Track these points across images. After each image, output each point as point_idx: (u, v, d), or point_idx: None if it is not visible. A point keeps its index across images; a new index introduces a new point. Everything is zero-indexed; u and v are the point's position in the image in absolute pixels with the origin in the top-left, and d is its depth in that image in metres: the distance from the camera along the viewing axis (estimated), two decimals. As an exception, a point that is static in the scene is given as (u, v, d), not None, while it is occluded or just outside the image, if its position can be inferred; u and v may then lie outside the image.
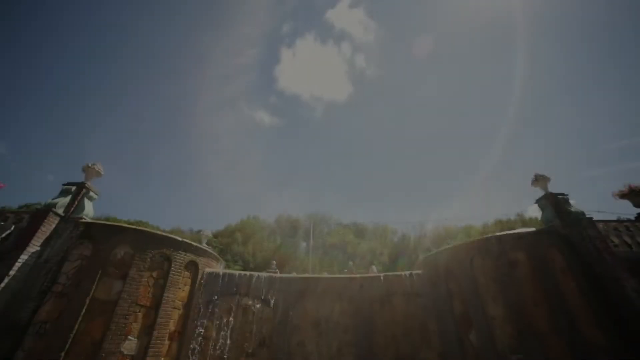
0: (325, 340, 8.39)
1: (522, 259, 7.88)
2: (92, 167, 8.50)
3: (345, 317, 8.76)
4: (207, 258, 9.09)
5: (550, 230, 8.31)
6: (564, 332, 6.75)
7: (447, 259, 9.09)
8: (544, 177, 9.25)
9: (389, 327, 8.59)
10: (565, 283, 7.42)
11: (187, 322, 7.81)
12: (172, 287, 7.61)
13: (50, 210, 7.22)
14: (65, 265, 6.89)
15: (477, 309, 7.87)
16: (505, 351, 7.15)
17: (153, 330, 6.93)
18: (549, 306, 7.12)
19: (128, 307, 6.75)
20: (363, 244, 39.01)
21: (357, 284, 9.16)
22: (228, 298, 8.55)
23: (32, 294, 6.40)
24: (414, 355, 8.15)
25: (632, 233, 8.25)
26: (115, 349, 6.32)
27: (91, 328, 6.35)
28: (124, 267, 7.15)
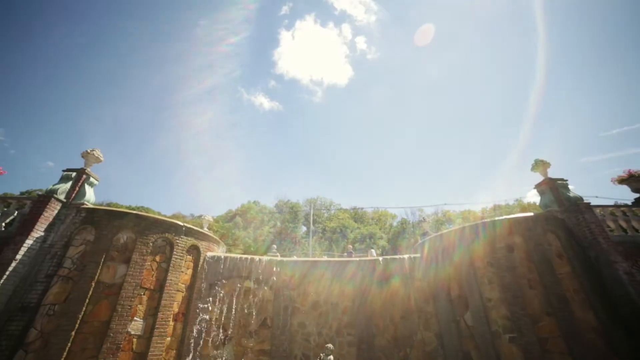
0: (325, 321, 8.66)
1: (519, 243, 8.01)
2: (91, 153, 8.48)
3: (345, 299, 9.00)
4: (209, 242, 9.23)
5: (548, 215, 8.40)
6: (557, 313, 6.96)
7: (445, 243, 9.23)
8: (544, 163, 9.25)
9: (387, 309, 8.84)
10: (560, 266, 7.58)
11: (190, 304, 8.03)
12: (175, 270, 7.78)
13: (52, 196, 7.27)
14: (70, 250, 7.04)
15: (473, 291, 8.07)
16: (499, 331, 7.40)
17: (158, 312, 7.14)
18: (544, 289, 7.30)
19: (133, 290, 6.93)
20: (362, 229, 39.45)
21: (357, 267, 9.35)
22: (230, 281, 8.75)
23: (39, 278, 6.58)
24: (411, 335, 8.43)
25: (628, 218, 8.34)
26: (122, 329, 6.53)
27: (98, 310, 6.55)
28: (127, 252, 7.28)
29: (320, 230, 40.07)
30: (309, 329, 8.54)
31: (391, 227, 44.01)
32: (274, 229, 40.33)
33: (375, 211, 46.86)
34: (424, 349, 8.25)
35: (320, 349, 7.88)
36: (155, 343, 6.86)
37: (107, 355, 6.21)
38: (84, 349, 6.16)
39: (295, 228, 40.61)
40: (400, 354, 8.22)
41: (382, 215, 46.56)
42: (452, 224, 41.22)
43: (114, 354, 6.27)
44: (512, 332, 7.16)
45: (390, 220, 46.36)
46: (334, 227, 40.11)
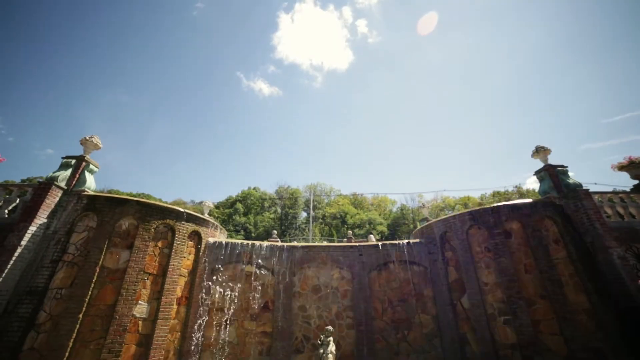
0: (325, 304, 8.88)
1: (517, 229, 8.11)
2: (89, 140, 8.45)
3: (344, 283, 9.20)
4: (210, 228, 9.33)
5: (547, 202, 8.46)
6: (551, 296, 7.14)
7: (444, 228, 9.34)
8: (545, 149, 9.23)
9: (386, 293, 9.05)
10: (556, 251, 7.70)
11: (193, 288, 8.21)
12: (177, 256, 7.90)
13: (53, 183, 7.29)
14: (73, 237, 7.14)
15: (470, 275, 8.24)
16: (495, 314, 7.61)
17: (161, 296, 7.31)
18: (539, 273, 7.46)
19: (136, 275, 7.07)
20: (362, 214, 39.75)
21: (356, 252, 9.50)
22: (231, 266, 8.91)
23: (44, 263, 6.72)
24: (409, 318, 8.67)
25: (625, 204, 8.41)
26: (127, 312, 6.71)
27: (104, 294, 6.71)
28: (129, 238, 7.38)
29: (320, 216, 40.39)
30: (310, 312, 8.77)
31: (391, 213, 44.37)
32: (274, 215, 40.66)
33: (375, 197, 47.14)
34: (421, 331, 8.51)
35: (320, 331, 8.12)
36: (160, 325, 7.07)
37: (115, 336, 6.41)
38: (93, 330, 6.36)
39: (296, 214, 40.91)
40: (397, 336, 8.48)
41: (381, 201, 46.86)
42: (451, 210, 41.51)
43: (121, 335, 6.48)
44: (507, 314, 7.37)
45: (389, 206, 46.70)
46: (334, 213, 40.42)
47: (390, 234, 36.38)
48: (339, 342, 8.34)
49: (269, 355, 8.06)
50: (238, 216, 38.14)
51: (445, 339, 8.31)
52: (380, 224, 37.42)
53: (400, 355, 8.26)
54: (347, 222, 37.93)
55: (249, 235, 34.71)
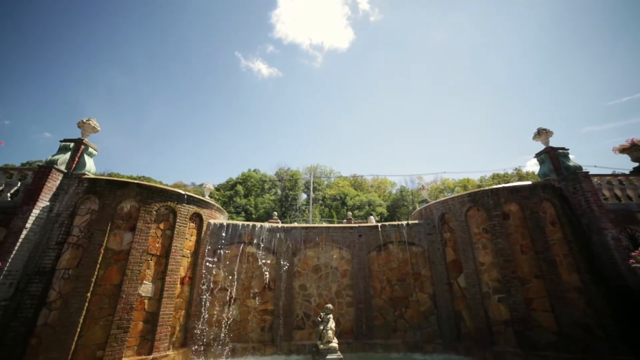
0: (325, 284, 9.13)
1: (515, 210, 8.20)
2: (87, 122, 8.35)
3: (344, 263, 9.41)
4: (211, 210, 9.42)
5: (546, 184, 8.49)
6: (545, 275, 7.33)
7: (443, 210, 9.44)
8: (547, 131, 9.15)
9: (385, 273, 9.27)
10: (552, 233, 7.83)
11: (196, 268, 8.41)
12: (179, 237, 8.03)
13: (53, 167, 7.29)
14: (76, 219, 7.24)
15: (467, 256, 8.42)
16: (490, 292, 7.84)
17: (165, 276, 7.50)
18: (535, 254, 7.61)
19: (140, 256, 7.22)
20: (362, 196, 39.99)
21: (356, 233, 9.65)
22: (233, 246, 9.07)
23: (50, 245, 6.86)
24: (407, 296, 8.94)
25: (624, 187, 8.44)
26: (133, 291, 6.92)
27: (109, 274, 6.89)
28: (131, 220, 7.47)
29: (320, 197, 40.66)
30: (310, 291, 9.03)
31: (390, 195, 44.61)
32: (274, 197, 40.91)
33: (374, 179, 47.22)
34: (418, 308, 8.79)
35: (320, 309, 8.39)
36: (165, 304, 7.30)
37: (123, 314, 6.64)
38: (101, 308, 6.59)
39: (296, 196, 41.15)
40: (395, 313, 8.78)
41: (381, 183, 46.97)
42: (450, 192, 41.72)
43: (128, 312, 6.71)
44: (502, 292, 7.60)
45: (389, 188, 46.86)
46: (334, 195, 40.64)
47: (390, 215, 36.75)
48: (339, 319, 8.65)
49: (271, 331, 8.37)
50: (238, 198, 38.38)
51: (441, 316, 8.61)
52: (379, 206, 37.71)
53: (397, 331, 8.58)
54: (347, 203, 38.20)
55: (249, 216, 35.09)
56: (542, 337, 6.92)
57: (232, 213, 34.46)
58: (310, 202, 30.12)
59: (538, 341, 6.88)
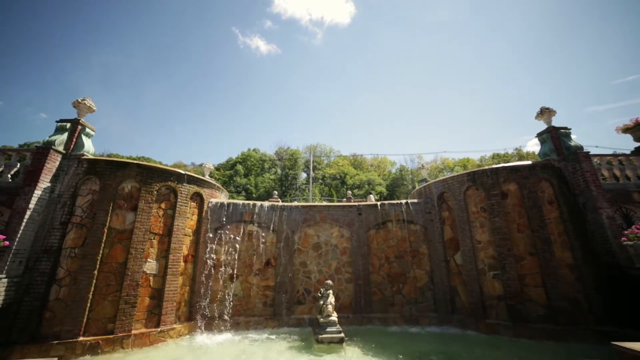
0: (325, 261, 9.37)
1: (513, 190, 8.26)
2: (82, 102, 8.19)
3: (344, 240, 9.60)
4: (211, 189, 9.48)
5: (545, 164, 8.48)
6: (539, 253, 7.52)
7: (442, 189, 9.50)
8: (550, 110, 9.02)
9: (384, 250, 9.49)
10: (549, 212, 7.93)
11: (198, 246, 8.59)
12: (181, 216, 8.14)
13: (51, 147, 7.24)
14: (78, 200, 7.31)
15: (465, 234, 8.58)
16: (485, 269, 8.07)
17: (169, 254, 7.68)
18: (531, 232, 7.76)
19: (143, 235, 7.36)
20: (361, 175, 40.05)
21: (355, 211, 9.77)
22: (234, 225, 9.21)
23: (55, 225, 6.98)
24: (404, 273, 9.20)
25: (623, 167, 8.44)
26: (138, 269, 7.12)
27: (114, 252, 7.06)
28: (132, 200, 7.55)
29: (320, 177, 40.74)
30: (310, 268, 9.28)
31: (390, 174, 44.67)
32: (274, 176, 40.98)
33: (374, 158, 47.10)
34: (415, 284, 9.08)
35: (320, 285, 8.67)
36: (170, 281, 7.53)
37: (129, 290, 6.88)
38: (108, 285, 6.83)
39: (296, 175, 41.21)
40: (393, 289, 9.08)
41: (381, 162, 46.90)
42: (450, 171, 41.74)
43: (134, 289, 6.95)
44: (497, 269, 7.82)
45: (389, 167, 46.86)
46: (334, 174, 40.70)
47: (389, 194, 36.99)
48: (338, 294, 8.95)
49: (273, 306, 8.70)
50: (239, 177, 38.45)
51: (437, 291, 8.91)
52: (379, 185, 37.87)
53: (395, 305, 8.91)
54: (347, 182, 38.34)
55: (250, 196, 35.32)
56: (533, 310, 7.21)
57: (232, 192, 34.66)
58: (310, 181, 30.21)
59: (528, 314, 7.18)
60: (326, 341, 6.63)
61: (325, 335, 6.73)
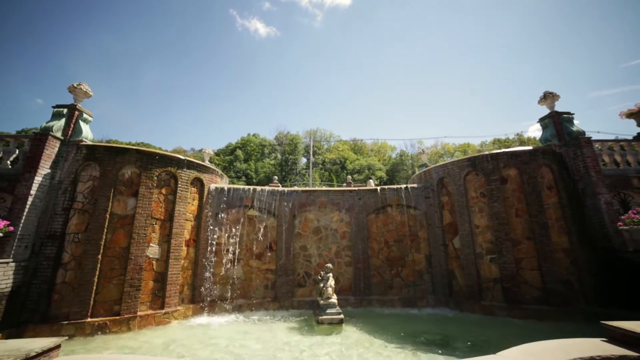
0: (325, 245, 9.51)
1: (513, 175, 8.27)
2: (78, 87, 8.06)
3: (343, 225, 9.71)
4: (211, 174, 9.50)
5: (546, 149, 8.45)
6: (536, 238, 7.63)
7: (442, 174, 9.52)
8: (553, 95, 8.89)
9: (383, 234, 9.61)
10: (548, 197, 7.98)
11: (199, 231, 8.70)
12: (181, 201, 8.20)
13: (49, 134, 7.19)
14: (79, 186, 7.35)
15: (463, 219, 8.67)
16: (482, 253, 8.21)
17: (170, 239, 7.80)
18: (529, 217, 7.84)
19: (145, 220, 7.44)
20: (362, 160, 39.98)
21: (355, 196, 9.83)
22: (235, 210, 9.29)
23: (57, 211, 7.07)
24: (403, 257, 9.37)
25: (624, 152, 8.42)
26: (141, 253, 7.25)
27: (117, 237, 7.17)
28: (133, 186, 7.58)
29: (320, 161, 40.67)
30: (310, 251, 9.44)
31: (390, 159, 44.58)
32: (274, 161, 40.91)
33: (374, 143, 46.86)
34: (414, 267, 9.26)
35: (320, 268, 8.85)
36: (172, 264, 7.68)
37: (133, 273, 7.04)
38: (112, 269, 6.98)
39: (296, 160, 41.14)
40: (392, 272, 9.27)
41: (381, 147, 46.70)
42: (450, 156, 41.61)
43: (138, 272, 7.10)
44: (494, 253, 7.96)
45: (389, 152, 46.71)
46: (334, 159, 40.62)
47: (389, 179, 37.05)
48: (338, 277, 9.15)
49: (274, 289, 8.91)
50: (239, 163, 38.40)
51: (435, 274, 9.10)
52: (379, 170, 37.87)
53: (393, 288, 9.13)
54: (347, 167, 38.32)
55: (250, 181, 35.40)
56: (527, 292, 7.40)
57: (232, 178, 34.72)
58: (310, 166, 30.20)
59: (523, 296, 7.37)
60: (326, 322, 6.84)
61: (326, 316, 6.93)
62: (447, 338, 6.01)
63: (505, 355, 3.03)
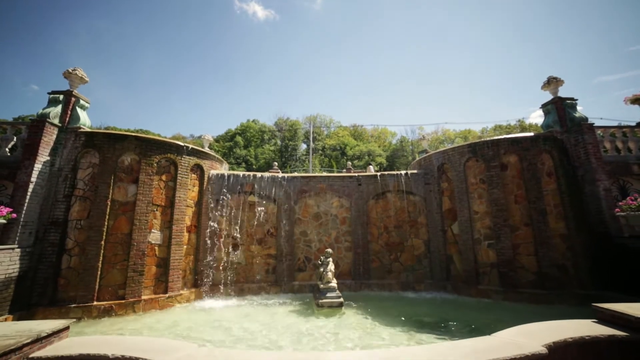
0: (325, 230, 9.62)
1: (513, 162, 8.26)
2: (73, 72, 7.91)
3: (343, 211, 9.79)
4: (211, 161, 9.49)
5: (547, 136, 8.40)
6: (534, 223, 7.71)
7: (442, 160, 9.50)
8: (557, 80, 8.74)
9: (382, 220, 9.70)
10: (547, 184, 8.01)
11: (201, 217, 8.77)
12: (182, 188, 8.23)
13: (46, 120, 7.12)
14: (79, 173, 7.36)
15: (463, 205, 8.73)
16: (481, 239, 8.31)
17: (172, 225, 7.88)
18: (528, 203, 7.89)
19: (146, 207, 7.50)
20: (362, 146, 39.80)
21: (355, 182, 9.86)
22: (235, 196, 9.34)
23: (58, 198, 7.11)
24: (402, 242, 9.49)
25: (626, 139, 8.37)
26: (143, 239, 7.34)
27: (119, 224, 7.24)
28: (133, 173, 7.59)
29: (320, 147, 40.49)
30: (310, 237, 9.56)
31: (390, 145, 44.35)
32: (274, 147, 40.74)
33: (374, 129, 46.48)
34: (412, 252, 9.40)
35: (320, 253, 8.99)
36: (174, 250, 7.80)
37: (136, 259, 7.16)
38: (115, 254, 7.10)
39: (296, 146, 40.94)
40: (391, 257, 9.42)
41: (381, 133, 46.35)
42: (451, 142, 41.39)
43: (141, 258, 7.22)
44: (492, 239, 8.06)
45: (389, 138, 46.40)
46: (334, 145, 40.42)
47: (389, 165, 37.00)
48: (338, 262, 9.31)
49: (275, 273, 9.08)
50: (238, 149, 38.23)
51: (433, 259, 9.25)
52: (379, 156, 37.74)
53: (392, 272, 9.30)
54: (347, 153, 38.17)
55: (250, 167, 35.35)
56: (523, 277, 7.55)
57: (232, 164, 34.66)
58: (310, 152, 30.10)
59: (519, 280, 7.53)
60: (326, 305, 7.01)
61: (325, 300, 7.10)
62: (445, 320, 6.18)
63: (500, 335, 3.13)
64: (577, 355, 3.03)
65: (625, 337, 3.10)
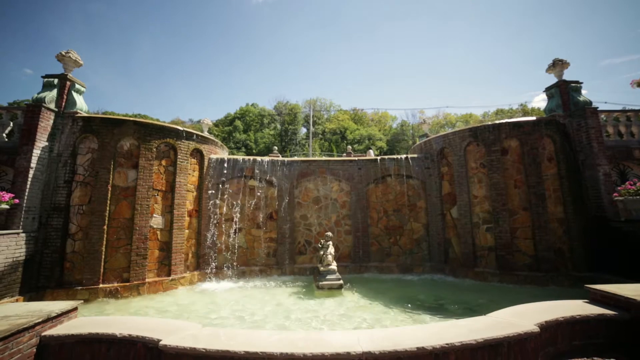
0: (325, 214, 9.71)
1: (514, 146, 8.22)
2: (67, 55, 7.72)
3: (343, 195, 9.85)
4: (211, 145, 9.45)
5: (550, 120, 8.31)
6: (532, 208, 7.77)
7: (442, 144, 9.46)
8: (563, 63, 8.54)
9: (382, 204, 9.78)
10: (548, 168, 8.00)
11: (201, 201, 8.84)
12: (182, 173, 8.25)
13: (42, 105, 7.01)
14: (79, 158, 7.34)
15: (462, 189, 8.76)
16: (479, 222, 8.40)
17: (173, 210, 7.95)
18: (527, 188, 7.92)
19: (146, 192, 7.53)
20: (362, 130, 39.48)
21: (355, 166, 9.87)
22: (235, 180, 9.37)
23: (59, 183, 7.13)
24: (402, 226, 9.60)
25: (630, 123, 8.27)
26: (145, 224, 7.43)
27: (120, 209, 7.31)
28: (133, 158, 7.58)
29: (320, 132, 40.18)
30: (311, 221, 9.67)
31: (390, 129, 43.99)
32: (274, 132, 40.43)
33: (375, 113, 45.94)
34: (411, 236, 9.53)
35: (320, 237, 9.11)
36: (176, 234, 7.91)
37: (139, 243, 7.27)
38: (118, 239, 7.20)
39: (295, 130, 40.61)
40: (390, 240, 9.56)
41: (382, 117, 45.83)
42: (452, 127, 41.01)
43: (144, 242, 7.33)
44: (490, 223, 8.15)
45: (390, 122, 45.94)
46: (334, 129, 40.09)
47: (389, 149, 36.83)
48: (338, 245, 9.45)
49: (276, 256, 9.25)
50: (238, 133, 37.95)
51: (432, 243, 9.39)
52: (379, 140, 37.51)
53: (391, 256, 9.47)
54: (347, 137, 37.92)
55: (250, 151, 35.21)
56: (520, 260, 7.69)
57: (232, 148, 34.51)
58: (310, 136, 29.90)
59: (515, 263, 7.67)
60: (326, 287, 7.18)
61: (325, 282, 7.26)
62: (442, 301, 6.36)
63: (495, 315, 3.23)
64: (568, 333, 3.15)
65: (613, 315, 3.23)
